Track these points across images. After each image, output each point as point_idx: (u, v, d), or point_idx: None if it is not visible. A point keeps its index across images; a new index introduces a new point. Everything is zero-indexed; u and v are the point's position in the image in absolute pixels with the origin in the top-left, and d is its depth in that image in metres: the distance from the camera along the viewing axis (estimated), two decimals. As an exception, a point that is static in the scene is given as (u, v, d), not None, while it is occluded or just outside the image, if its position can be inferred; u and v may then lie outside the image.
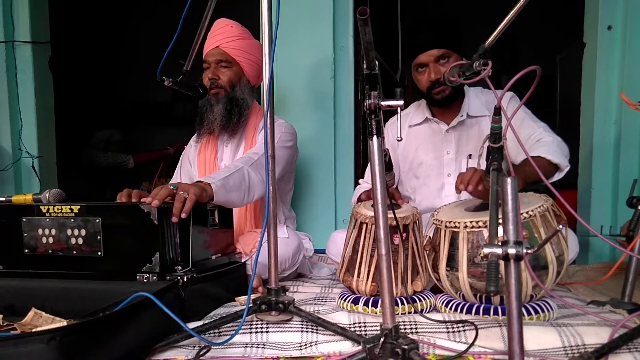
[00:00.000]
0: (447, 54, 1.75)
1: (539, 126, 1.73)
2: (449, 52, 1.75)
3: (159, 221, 1.30)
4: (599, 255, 2.26)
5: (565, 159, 1.60)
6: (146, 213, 1.30)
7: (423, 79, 1.80)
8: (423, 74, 1.80)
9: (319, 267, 2.11)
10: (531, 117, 1.77)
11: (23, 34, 2.61)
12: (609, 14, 2.24)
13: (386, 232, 0.99)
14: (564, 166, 1.59)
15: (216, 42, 1.89)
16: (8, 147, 2.63)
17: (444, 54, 1.75)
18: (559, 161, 1.57)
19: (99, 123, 3.98)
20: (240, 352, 1.13)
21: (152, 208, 1.30)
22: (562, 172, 1.60)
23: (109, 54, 4.58)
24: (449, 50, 1.75)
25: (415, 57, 1.79)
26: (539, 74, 1.08)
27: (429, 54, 1.75)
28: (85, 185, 3.68)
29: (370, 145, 1.00)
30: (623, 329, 1.10)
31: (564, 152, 1.62)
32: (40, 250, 1.40)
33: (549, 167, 1.58)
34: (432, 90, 1.79)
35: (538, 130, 1.71)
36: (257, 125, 1.97)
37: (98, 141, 3.75)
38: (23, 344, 0.87)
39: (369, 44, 0.94)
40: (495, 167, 1.20)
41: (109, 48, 4.57)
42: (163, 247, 1.32)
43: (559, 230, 0.77)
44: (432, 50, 1.75)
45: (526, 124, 1.74)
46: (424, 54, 1.76)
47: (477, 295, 1.32)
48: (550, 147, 1.61)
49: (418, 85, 1.85)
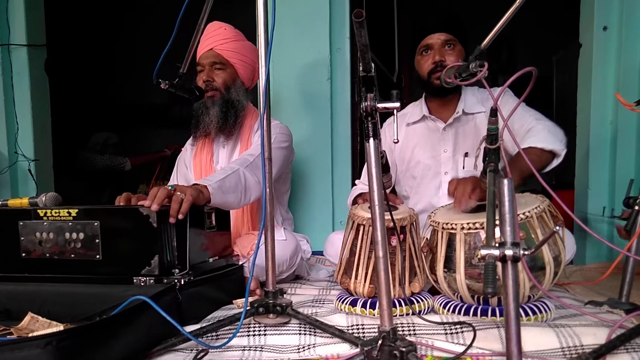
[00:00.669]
0: (454, 41, 1.76)
1: (530, 115, 1.72)
2: (455, 40, 1.76)
3: (158, 224, 1.30)
4: (596, 256, 2.26)
5: (560, 143, 1.59)
6: (145, 216, 1.30)
7: (426, 62, 1.79)
8: (427, 56, 1.79)
9: (317, 269, 2.10)
10: (522, 107, 1.74)
11: (19, 37, 2.60)
12: (605, 14, 2.25)
13: (383, 234, 0.99)
14: (560, 151, 1.58)
15: (210, 45, 1.90)
16: (4, 151, 2.62)
17: (451, 40, 1.75)
18: (553, 147, 1.56)
19: (95, 126, 3.97)
20: (238, 355, 1.13)
21: (151, 211, 1.30)
22: (560, 156, 1.59)
23: (105, 56, 4.57)
24: (456, 38, 1.76)
25: (421, 40, 1.79)
26: (534, 75, 1.08)
27: (436, 37, 1.76)
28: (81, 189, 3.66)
29: (367, 147, 1.00)
30: (621, 329, 1.10)
31: (557, 136, 1.61)
32: (37, 254, 1.40)
33: (544, 156, 1.57)
34: (432, 73, 1.78)
35: (528, 120, 1.70)
36: (252, 126, 1.97)
37: (94, 144, 3.73)
38: (19, 349, 0.87)
39: (365, 46, 0.94)
40: (492, 169, 1.20)
41: (105, 51, 4.56)
42: (162, 250, 1.32)
43: (556, 231, 0.77)
44: (440, 34, 1.75)
45: (518, 115, 1.72)
46: (432, 36, 1.76)
47: (475, 296, 1.32)
48: (541, 134, 1.60)
49: (419, 70, 1.84)
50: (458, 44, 1.77)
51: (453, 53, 1.76)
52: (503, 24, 1.26)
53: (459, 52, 1.77)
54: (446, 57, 1.75)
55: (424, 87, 1.88)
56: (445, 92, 1.82)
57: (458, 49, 1.77)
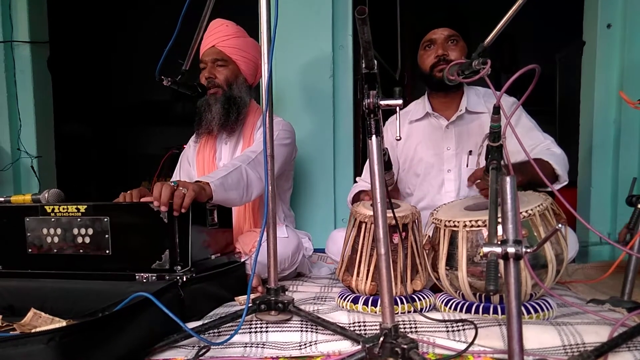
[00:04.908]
0: (457, 36, 1.76)
1: (546, 137, 1.77)
2: (458, 35, 1.76)
3: (169, 219, 1.33)
4: (598, 254, 2.26)
5: (566, 173, 1.65)
6: (156, 212, 1.33)
7: (429, 57, 1.80)
8: (430, 51, 1.80)
9: (319, 266, 2.10)
10: (538, 129, 1.80)
11: (22, 34, 2.61)
12: (609, 12, 2.24)
13: (385, 232, 0.98)
14: (563, 180, 1.63)
15: (212, 42, 1.90)
16: (7, 147, 2.63)
17: (454, 35, 1.76)
18: (561, 173, 1.61)
19: (98, 122, 3.98)
20: (239, 352, 1.13)
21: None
22: (560, 184, 1.64)
23: (107, 53, 4.58)
24: (459, 34, 1.76)
25: (424, 35, 1.80)
26: (538, 72, 1.08)
27: (440, 31, 1.76)
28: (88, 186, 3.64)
29: (369, 145, 1.00)
30: (623, 327, 1.10)
31: (566, 166, 1.67)
32: (44, 250, 1.41)
33: (551, 177, 1.61)
34: (435, 67, 1.78)
35: (547, 141, 1.75)
36: (254, 123, 1.97)
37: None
38: (22, 345, 0.87)
39: (368, 43, 0.94)
40: (494, 166, 1.20)
41: (107, 48, 4.57)
42: (173, 244, 1.33)
43: (558, 229, 0.76)
44: (444, 29, 1.76)
45: (533, 135, 1.76)
46: (435, 31, 1.77)
47: (477, 294, 1.32)
48: (558, 158, 1.65)
49: (422, 65, 1.84)
50: (461, 40, 1.77)
51: (456, 48, 1.76)
52: (506, 22, 1.26)
53: (461, 47, 1.77)
54: (449, 51, 1.76)
55: (426, 81, 1.88)
56: (448, 87, 1.82)
57: (461, 44, 1.77)
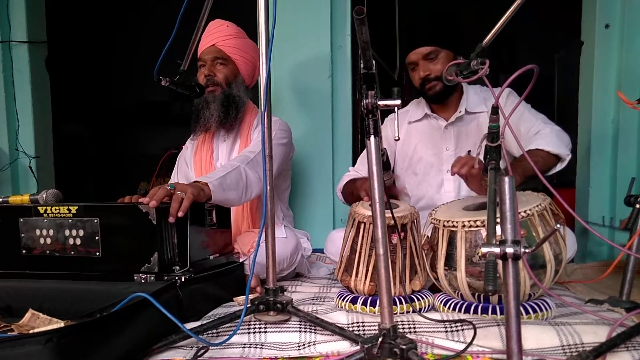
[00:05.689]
0: (435, 51, 1.76)
1: (537, 118, 1.74)
2: (437, 49, 1.76)
3: (157, 221, 1.30)
4: (597, 254, 2.26)
5: (565, 148, 1.61)
6: (144, 213, 1.30)
7: (414, 78, 1.84)
8: (414, 72, 1.83)
9: (317, 266, 2.10)
10: (529, 110, 1.78)
11: (20, 34, 2.60)
12: (607, 12, 2.24)
13: (384, 232, 0.98)
14: (565, 155, 1.60)
15: (212, 41, 1.90)
16: (5, 148, 2.62)
17: (432, 51, 1.76)
18: (559, 151, 1.58)
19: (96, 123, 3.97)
20: (238, 353, 1.13)
21: (150, 208, 1.30)
22: (564, 161, 1.61)
23: (106, 53, 4.58)
24: (438, 47, 1.76)
25: (407, 56, 1.82)
26: (536, 72, 1.08)
27: (417, 52, 1.78)
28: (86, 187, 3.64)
29: (368, 145, 0.99)
30: (621, 327, 1.10)
31: (564, 141, 1.63)
32: (37, 251, 1.40)
33: (549, 159, 1.59)
34: (424, 87, 1.82)
35: (536, 123, 1.72)
36: (252, 122, 1.97)
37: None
38: (20, 346, 0.87)
39: (366, 43, 0.94)
40: (493, 166, 1.20)
41: (106, 48, 4.56)
42: (161, 247, 1.31)
43: (557, 229, 0.76)
44: (420, 49, 1.77)
45: (525, 118, 1.75)
46: (413, 53, 1.79)
47: (476, 294, 1.32)
48: (549, 138, 1.62)
49: (413, 82, 1.87)
50: (441, 51, 1.76)
51: (437, 63, 1.77)
52: (504, 22, 1.26)
53: (443, 58, 1.76)
54: (430, 69, 1.77)
55: (421, 95, 1.92)
56: (441, 97, 1.84)
57: (442, 55, 1.76)
